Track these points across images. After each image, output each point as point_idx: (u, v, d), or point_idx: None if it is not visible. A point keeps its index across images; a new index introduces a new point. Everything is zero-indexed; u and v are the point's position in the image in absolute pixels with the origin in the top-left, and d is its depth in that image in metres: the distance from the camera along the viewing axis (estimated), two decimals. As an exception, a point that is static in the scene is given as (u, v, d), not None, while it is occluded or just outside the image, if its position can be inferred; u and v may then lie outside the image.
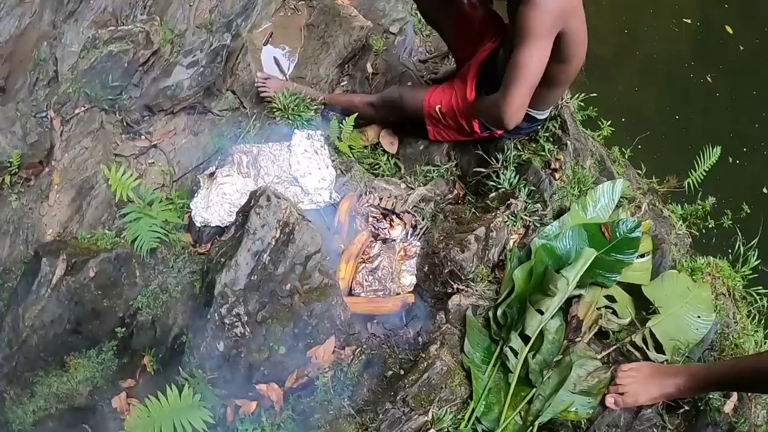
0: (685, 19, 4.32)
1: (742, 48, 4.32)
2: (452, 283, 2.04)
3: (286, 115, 2.43)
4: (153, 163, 2.59)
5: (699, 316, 2.09)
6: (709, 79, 3.98)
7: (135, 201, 2.17)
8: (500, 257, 2.13)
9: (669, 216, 2.45)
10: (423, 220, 2.25)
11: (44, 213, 2.49)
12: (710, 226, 2.52)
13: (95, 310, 2.10)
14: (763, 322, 2.38)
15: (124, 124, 2.63)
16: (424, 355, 1.86)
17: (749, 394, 2.15)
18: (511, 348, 1.87)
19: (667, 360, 2.01)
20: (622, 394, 1.87)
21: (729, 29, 4.29)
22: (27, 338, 2.08)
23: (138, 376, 2.13)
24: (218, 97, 2.64)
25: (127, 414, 2.04)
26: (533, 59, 1.89)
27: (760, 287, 2.42)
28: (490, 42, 2.29)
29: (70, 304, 2.07)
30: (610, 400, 1.88)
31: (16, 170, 2.44)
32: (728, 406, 2.07)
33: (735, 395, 2.09)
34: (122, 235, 2.21)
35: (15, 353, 2.09)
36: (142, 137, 2.62)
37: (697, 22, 4.39)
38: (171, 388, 1.79)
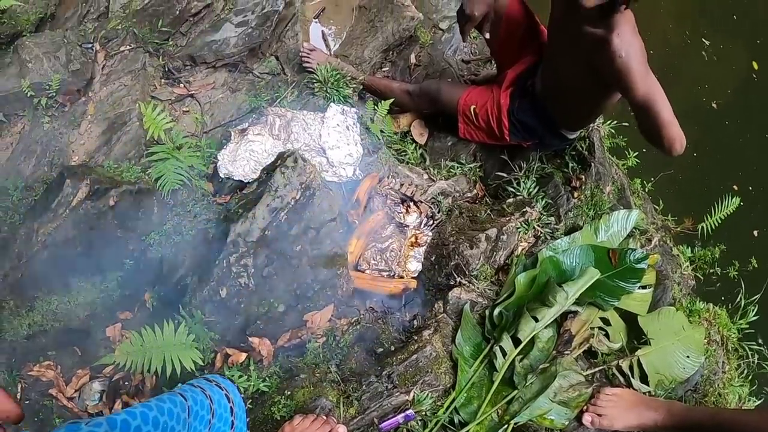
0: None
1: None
2: (456, 276, 2.08)
3: (325, 89, 2.47)
4: (188, 111, 2.64)
5: (688, 356, 2.13)
6: (714, 105, 3.98)
7: (165, 142, 2.22)
8: (506, 261, 2.16)
9: (677, 255, 2.48)
10: (439, 212, 2.28)
11: (73, 140, 2.53)
12: (716, 273, 2.54)
13: (108, 238, 2.13)
14: (750, 378, 2.41)
15: (166, 69, 2.67)
16: (416, 338, 1.90)
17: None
18: (501, 348, 1.91)
19: (650, 391, 2.04)
20: (600, 415, 1.90)
21: (755, 65, 4.31)
22: (37, 253, 2.11)
23: (136, 310, 2.16)
24: (261, 60, 2.69)
25: (119, 344, 2.08)
26: (652, 84, 1.84)
27: (754, 343, 2.44)
28: (530, 56, 2.33)
29: (85, 228, 2.11)
30: (587, 418, 1.91)
31: (54, 94, 2.49)
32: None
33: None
34: (147, 172, 2.26)
35: (22, 266, 2.12)
36: (181, 85, 2.67)
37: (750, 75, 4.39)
38: (168, 324, 1.84)
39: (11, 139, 2.56)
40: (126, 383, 2.15)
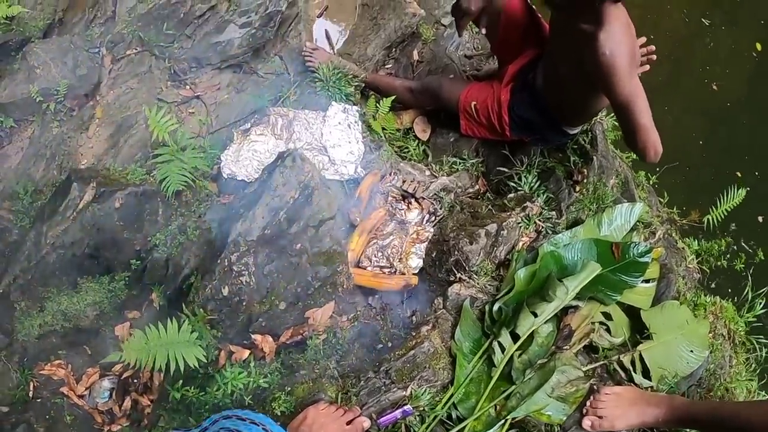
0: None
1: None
2: (456, 272, 2.09)
3: (327, 87, 2.49)
4: (193, 112, 2.67)
5: (692, 351, 2.12)
6: (715, 87, 3.93)
7: (170, 144, 2.26)
8: (507, 256, 2.17)
9: (682, 248, 2.46)
10: (441, 208, 2.29)
11: (82, 143, 2.58)
12: (722, 265, 2.51)
13: (114, 239, 2.17)
14: (758, 371, 2.39)
15: (172, 71, 2.70)
16: (414, 334, 1.92)
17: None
18: (499, 343, 1.92)
19: (652, 387, 2.03)
20: (600, 417, 1.89)
21: (758, 46, 4.25)
22: (46, 255, 2.16)
23: (144, 309, 2.21)
24: (265, 60, 2.71)
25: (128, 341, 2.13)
26: (635, 88, 1.82)
27: (761, 337, 2.42)
28: (531, 50, 2.32)
29: (92, 229, 2.15)
30: (587, 423, 1.90)
31: (62, 99, 2.53)
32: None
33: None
34: (152, 174, 2.29)
35: (32, 267, 2.17)
36: (187, 87, 2.70)
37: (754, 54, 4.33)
38: (172, 322, 1.87)
39: (21, 144, 2.61)
40: (135, 381, 2.20)
